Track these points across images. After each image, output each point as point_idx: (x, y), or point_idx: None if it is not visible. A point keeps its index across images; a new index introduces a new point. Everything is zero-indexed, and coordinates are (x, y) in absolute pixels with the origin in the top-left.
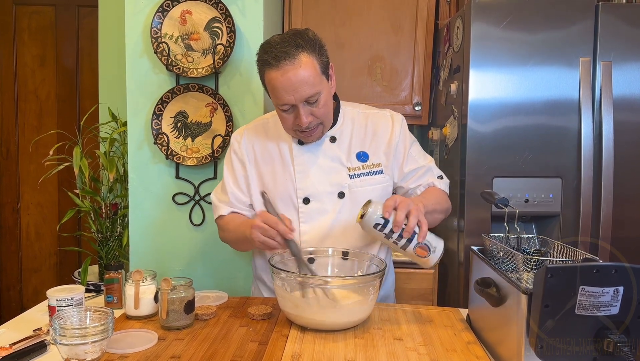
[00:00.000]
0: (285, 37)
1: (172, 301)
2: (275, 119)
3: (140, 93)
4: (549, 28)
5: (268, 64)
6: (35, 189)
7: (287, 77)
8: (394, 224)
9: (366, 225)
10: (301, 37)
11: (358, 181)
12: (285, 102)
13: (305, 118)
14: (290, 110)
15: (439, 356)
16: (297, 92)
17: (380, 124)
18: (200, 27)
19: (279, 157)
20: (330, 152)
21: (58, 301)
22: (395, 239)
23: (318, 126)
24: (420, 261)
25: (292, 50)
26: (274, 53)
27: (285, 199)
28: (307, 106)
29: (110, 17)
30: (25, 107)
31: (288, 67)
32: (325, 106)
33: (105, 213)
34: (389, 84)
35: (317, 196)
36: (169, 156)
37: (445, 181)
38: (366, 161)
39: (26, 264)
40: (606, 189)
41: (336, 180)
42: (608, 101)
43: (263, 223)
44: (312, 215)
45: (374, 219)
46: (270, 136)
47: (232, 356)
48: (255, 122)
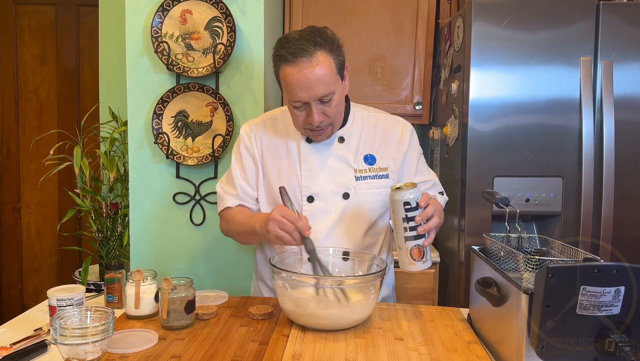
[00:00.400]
0: (304, 34)
1: (173, 301)
2: (284, 115)
3: (140, 92)
4: (549, 27)
5: (285, 59)
6: (35, 188)
7: (302, 74)
8: (421, 215)
9: (398, 197)
10: (320, 35)
11: (364, 183)
12: (298, 99)
13: (317, 117)
14: (302, 107)
15: (439, 356)
16: (312, 90)
17: (390, 129)
18: (200, 26)
19: (286, 154)
20: (338, 152)
21: (58, 301)
22: (409, 227)
23: (328, 125)
24: (407, 261)
25: (309, 47)
26: (291, 49)
27: (289, 196)
28: (319, 104)
29: (111, 17)
30: (26, 106)
31: (304, 65)
32: (337, 106)
33: (105, 213)
34: (389, 84)
35: (321, 196)
36: (170, 156)
37: (445, 198)
38: (373, 164)
39: (27, 264)
40: (607, 188)
41: (342, 181)
42: (609, 100)
43: (282, 217)
44: (315, 214)
45: (410, 198)
46: (279, 132)
47: (232, 356)
48: (263, 117)
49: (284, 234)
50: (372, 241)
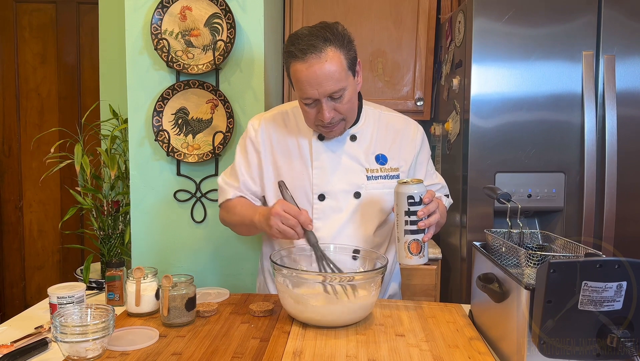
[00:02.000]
0: (314, 30)
1: (173, 298)
2: (295, 111)
3: (140, 90)
4: (551, 22)
5: (294, 56)
6: (37, 186)
7: (312, 70)
8: (423, 210)
9: (403, 191)
10: (330, 30)
11: (375, 183)
12: (308, 96)
13: (328, 113)
14: (313, 104)
15: (441, 352)
16: (322, 87)
17: (402, 130)
18: (200, 23)
19: (298, 152)
20: (350, 151)
21: (59, 299)
22: (410, 221)
23: (340, 121)
24: (405, 254)
25: (319, 43)
26: (300, 45)
27: (300, 194)
28: (330, 101)
29: (111, 14)
30: (27, 104)
31: (314, 61)
32: (349, 102)
33: (107, 210)
34: (390, 79)
35: (333, 194)
36: (170, 153)
37: (450, 200)
38: (384, 164)
39: (29, 262)
40: (609, 184)
41: (354, 180)
42: (611, 95)
43: (284, 211)
44: (326, 212)
45: (414, 193)
46: (290, 128)
47: (233, 353)
48: (273, 111)
49: (286, 228)
50: (382, 240)
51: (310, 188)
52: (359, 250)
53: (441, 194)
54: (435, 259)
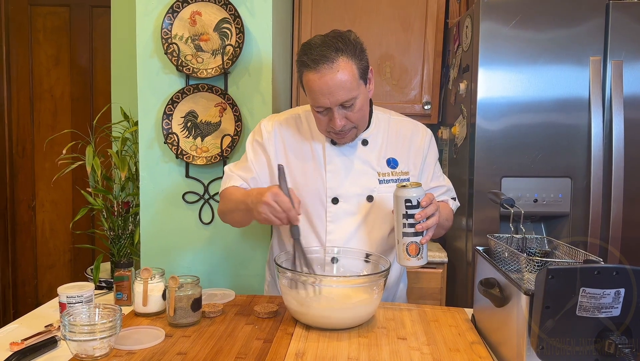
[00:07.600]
0: (326, 40)
1: (180, 299)
2: (307, 115)
3: (151, 93)
4: (558, 27)
5: (307, 65)
6: (49, 186)
7: (324, 80)
8: (420, 213)
9: (401, 195)
10: (342, 40)
11: (387, 186)
12: (320, 104)
13: (339, 122)
14: (325, 112)
15: (442, 356)
16: (333, 96)
17: (411, 134)
18: (209, 28)
19: (311, 156)
20: (362, 155)
21: (68, 298)
22: (408, 224)
23: (352, 129)
24: (403, 255)
25: (331, 53)
26: (313, 55)
27: (314, 197)
28: (342, 109)
29: (122, 18)
30: (41, 106)
31: (326, 71)
32: (360, 111)
33: (117, 211)
34: (398, 83)
35: (346, 197)
36: (179, 155)
37: (457, 203)
38: (395, 168)
39: (41, 261)
40: (616, 189)
41: (366, 184)
42: (618, 100)
43: (275, 202)
44: (339, 215)
45: (412, 196)
46: (303, 132)
47: (237, 353)
48: (286, 114)
49: (273, 218)
50: (394, 243)
51: (324, 191)
52: (377, 256)
53: (447, 197)
54: (441, 262)
